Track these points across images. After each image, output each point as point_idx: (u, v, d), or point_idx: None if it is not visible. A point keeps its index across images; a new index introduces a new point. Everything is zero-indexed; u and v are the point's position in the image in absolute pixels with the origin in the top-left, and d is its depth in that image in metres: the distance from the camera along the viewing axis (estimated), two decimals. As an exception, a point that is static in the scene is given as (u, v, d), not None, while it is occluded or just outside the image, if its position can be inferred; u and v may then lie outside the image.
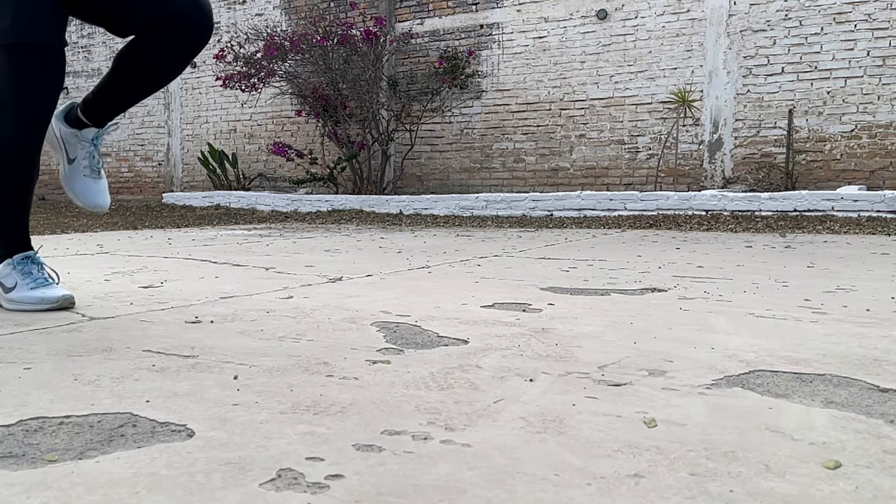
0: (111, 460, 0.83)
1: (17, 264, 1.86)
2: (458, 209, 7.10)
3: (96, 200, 1.98)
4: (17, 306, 1.82)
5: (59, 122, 1.95)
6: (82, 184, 1.96)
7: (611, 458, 0.85)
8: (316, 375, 1.21)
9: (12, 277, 1.86)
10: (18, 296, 1.82)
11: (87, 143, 1.95)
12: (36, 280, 1.85)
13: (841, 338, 1.52)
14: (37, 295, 1.81)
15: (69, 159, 1.95)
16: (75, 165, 1.94)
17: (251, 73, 8.44)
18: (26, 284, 1.83)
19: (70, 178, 1.97)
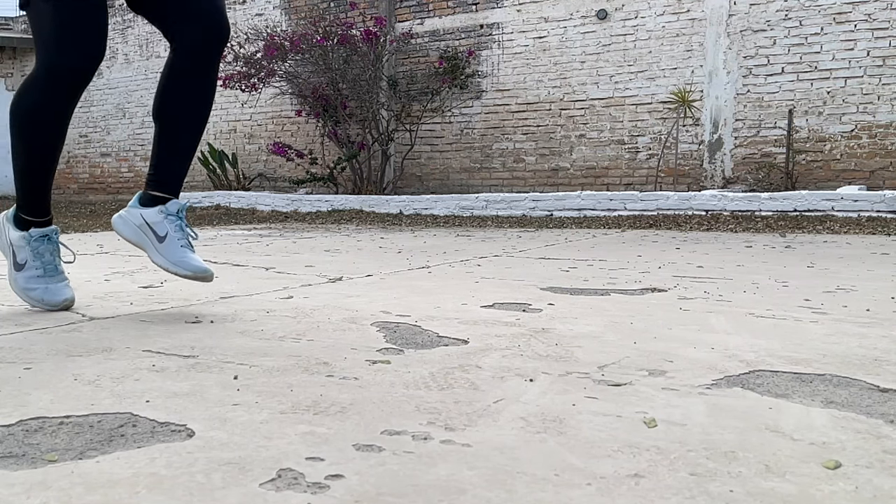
0: (111, 460, 0.83)
1: (31, 240, 1.83)
2: (458, 209, 7.10)
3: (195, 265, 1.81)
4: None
5: (137, 209, 1.83)
6: (181, 253, 1.80)
7: (611, 458, 0.85)
8: (316, 375, 1.21)
9: (24, 252, 1.83)
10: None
11: (174, 217, 1.82)
12: (46, 266, 1.84)
13: (841, 338, 1.52)
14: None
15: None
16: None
17: (251, 73, 8.44)
18: (35, 270, 1.83)
19: (166, 253, 1.81)
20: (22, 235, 1.80)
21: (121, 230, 1.85)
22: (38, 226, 1.82)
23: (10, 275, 1.84)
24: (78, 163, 12.42)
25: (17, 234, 1.82)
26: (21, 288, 1.81)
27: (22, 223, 1.83)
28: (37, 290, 1.79)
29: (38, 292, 1.79)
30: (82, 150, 12.36)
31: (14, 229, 1.83)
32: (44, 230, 1.81)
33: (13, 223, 1.84)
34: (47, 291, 1.79)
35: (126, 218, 1.84)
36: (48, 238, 1.82)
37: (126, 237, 1.84)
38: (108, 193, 11.96)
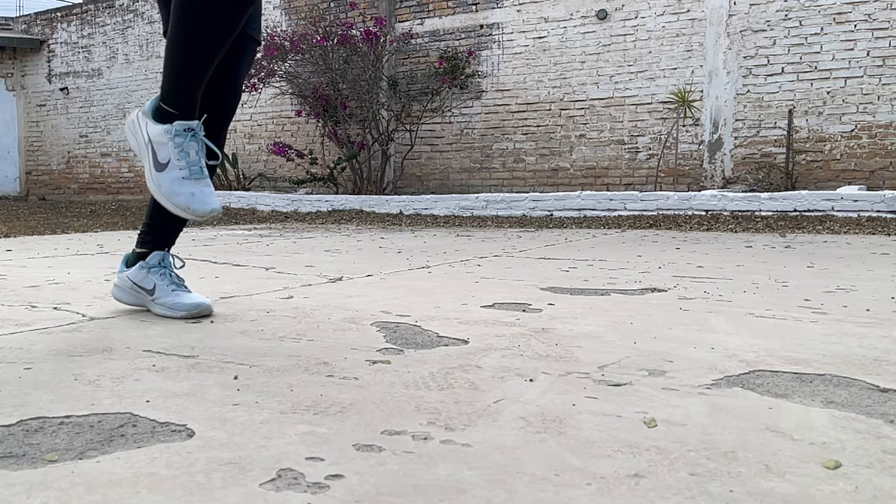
0: (111, 460, 0.83)
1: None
2: (458, 209, 7.10)
3: (193, 301, 1.76)
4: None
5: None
6: (172, 297, 1.77)
7: (611, 458, 0.85)
8: (316, 375, 1.21)
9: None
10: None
11: (156, 268, 1.81)
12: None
13: (841, 338, 1.52)
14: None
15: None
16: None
17: (251, 73, 8.43)
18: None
19: (161, 301, 1.77)
20: (164, 129, 1.58)
21: (120, 298, 1.85)
22: (182, 119, 1.59)
23: (152, 176, 1.62)
24: (78, 163, 12.42)
25: (157, 128, 1.59)
26: (166, 192, 1.58)
27: (164, 116, 1.60)
28: (182, 196, 1.57)
29: (184, 198, 1.57)
30: (82, 150, 12.36)
31: (153, 123, 1.61)
32: (188, 122, 1.58)
33: (152, 116, 1.62)
34: (194, 198, 1.57)
35: (119, 285, 1.85)
36: (193, 133, 1.59)
37: (126, 302, 1.84)
38: (109, 193, 11.96)
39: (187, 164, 1.58)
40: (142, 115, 1.64)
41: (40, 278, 2.51)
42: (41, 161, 12.99)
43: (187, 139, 1.58)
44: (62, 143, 12.62)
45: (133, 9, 11.63)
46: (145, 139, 1.62)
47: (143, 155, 1.64)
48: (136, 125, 1.65)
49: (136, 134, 1.65)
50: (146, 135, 1.62)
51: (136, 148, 1.66)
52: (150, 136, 1.60)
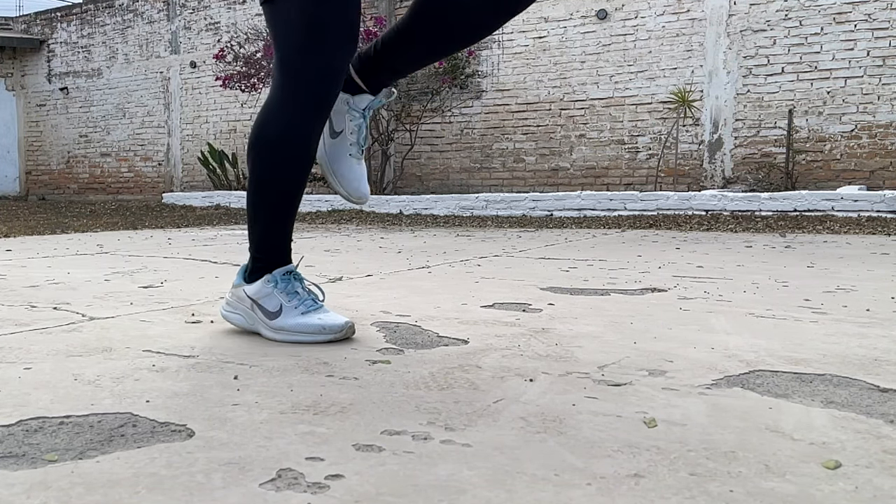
0: (111, 460, 0.83)
1: (279, 281, 1.50)
2: (458, 209, 7.10)
3: (361, 188, 1.56)
4: (288, 336, 1.47)
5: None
6: (347, 165, 1.54)
7: (611, 458, 0.84)
8: (316, 375, 1.21)
9: (274, 299, 1.50)
10: (290, 323, 1.48)
11: (357, 112, 1.53)
12: (304, 302, 1.51)
13: (841, 338, 1.52)
14: (314, 322, 1.47)
15: (333, 131, 1.53)
16: (340, 140, 1.51)
17: (251, 72, 8.44)
18: (294, 308, 1.49)
19: (332, 156, 1.54)
20: (265, 280, 1.51)
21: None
22: (279, 266, 1.53)
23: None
24: (78, 163, 12.42)
25: (257, 285, 1.52)
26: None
27: (261, 272, 1.53)
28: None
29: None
30: (82, 150, 12.36)
31: (252, 285, 1.53)
32: (287, 267, 1.52)
33: (247, 281, 1.55)
34: (322, 322, 1.48)
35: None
36: (293, 274, 1.53)
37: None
38: (108, 193, 11.96)
39: (300, 301, 1.50)
40: (234, 290, 1.57)
41: (40, 278, 2.51)
42: (41, 161, 12.99)
43: (290, 281, 1.51)
44: (62, 143, 12.62)
45: (133, 9, 11.63)
46: (249, 303, 1.53)
47: (252, 323, 1.54)
48: (235, 300, 1.57)
49: (236, 310, 1.57)
50: (248, 299, 1.54)
51: (242, 323, 1.56)
52: (253, 295, 1.52)
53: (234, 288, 1.57)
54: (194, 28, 10.95)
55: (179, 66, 11.11)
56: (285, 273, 1.51)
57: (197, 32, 10.93)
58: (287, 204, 1.51)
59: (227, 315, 1.58)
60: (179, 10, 11.08)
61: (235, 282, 1.58)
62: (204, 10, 10.82)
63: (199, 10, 10.87)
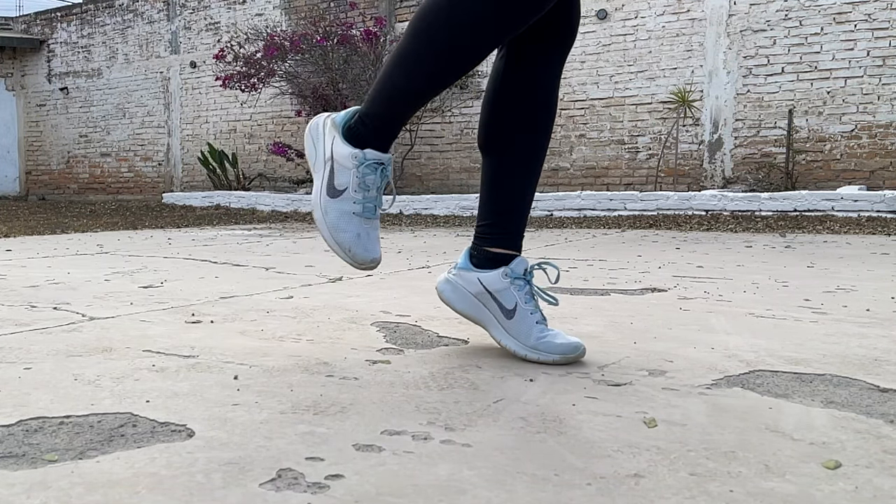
0: (111, 460, 0.83)
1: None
2: (458, 209, 7.10)
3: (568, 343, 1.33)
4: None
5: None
6: (537, 332, 1.35)
7: (611, 458, 0.84)
8: (316, 375, 1.21)
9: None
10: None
11: (521, 281, 1.39)
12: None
13: (841, 338, 1.52)
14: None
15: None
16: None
17: (251, 73, 8.44)
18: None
19: (517, 332, 1.36)
20: (353, 154, 1.34)
21: (451, 300, 1.42)
22: (376, 149, 1.36)
23: (320, 199, 1.37)
24: (78, 163, 12.42)
25: (346, 149, 1.35)
26: (331, 223, 1.35)
27: (357, 139, 1.36)
28: (347, 234, 1.34)
29: (349, 237, 1.34)
30: (82, 150, 12.36)
31: (342, 141, 1.37)
32: (380, 156, 1.35)
33: (342, 133, 1.38)
34: (359, 240, 1.34)
35: (457, 284, 1.41)
36: (383, 169, 1.36)
37: (458, 310, 1.41)
38: (108, 193, 11.96)
39: (363, 200, 1.34)
40: (330, 126, 1.40)
41: (40, 278, 2.51)
42: (41, 161, 12.99)
43: (374, 173, 1.34)
44: (62, 143, 12.62)
45: (133, 9, 11.63)
46: (327, 154, 1.38)
47: (316, 170, 1.39)
48: (320, 133, 1.41)
49: (316, 142, 1.42)
50: (329, 150, 1.38)
51: (311, 157, 1.42)
52: (336, 154, 1.36)
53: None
54: (194, 28, 10.95)
55: (179, 66, 11.11)
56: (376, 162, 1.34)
57: (197, 32, 10.93)
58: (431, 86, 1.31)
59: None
60: (179, 10, 11.08)
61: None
62: (204, 10, 10.82)
63: (199, 10, 10.87)
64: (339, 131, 1.38)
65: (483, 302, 1.38)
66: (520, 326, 1.34)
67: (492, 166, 1.41)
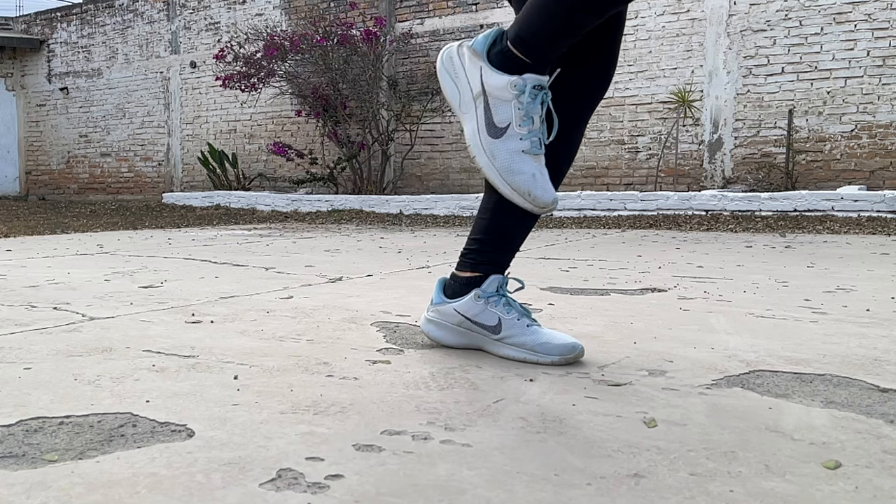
0: (111, 460, 0.83)
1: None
2: (458, 209, 7.10)
3: (565, 342, 1.30)
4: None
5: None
6: (533, 335, 1.31)
7: (611, 458, 0.84)
8: (316, 375, 1.21)
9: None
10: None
11: (495, 297, 1.35)
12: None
13: (841, 338, 1.52)
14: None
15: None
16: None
17: (251, 73, 8.44)
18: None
19: (515, 340, 1.32)
20: (511, 82, 1.18)
21: (438, 338, 1.40)
22: (534, 72, 1.19)
23: (481, 143, 1.21)
24: (78, 163, 12.42)
25: (500, 78, 1.18)
26: (503, 167, 1.19)
27: (510, 63, 1.18)
28: (524, 176, 1.18)
29: (526, 179, 1.18)
30: (82, 150, 12.36)
31: (493, 70, 1.20)
32: (540, 77, 1.18)
33: (489, 60, 1.21)
34: (535, 181, 1.19)
35: (438, 321, 1.39)
36: (544, 94, 1.19)
37: (450, 344, 1.39)
38: (108, 193, 11.96)
39: (529, 135, 1.19)
40: (470, 54, 1.22)
41: (40, 278, 2.51)
42: (41, 161, 12.99)
43: (536, 101, 1.18)
44: (62, 143, 12.62)
45: (133, 9, 11.63)
46: (476, 89, 1.21)
47: (466, 110, 1.23)
48: (459, 65, 1.23)
49: (456, 77, 1.23)
50: (478, 83, 1.20)
51: (453, 96, 1.24)
52: (488, 86, 1.19)
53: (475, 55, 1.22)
54: (194, 28, 10.95)
55: (179, 66, 11.11)
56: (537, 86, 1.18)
57: (197, 32, 10.93)
58: None
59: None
60: (179, 10, 11.08)
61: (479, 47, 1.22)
62: (204, 10, 10.82)
63: (199, 10, 10.87)
64: (485, 60, 1.21)
65: (467, 329, 1.36)
66: (511, 335, 1.32)
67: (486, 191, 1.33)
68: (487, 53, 1.21)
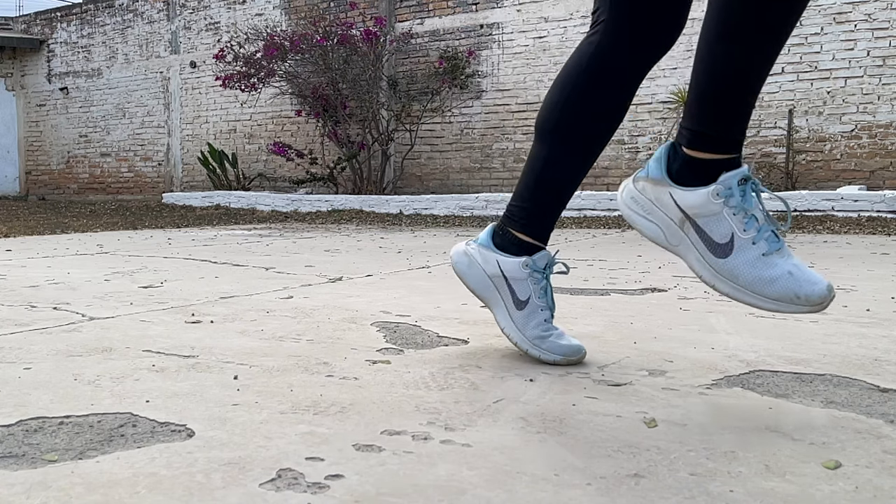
0: (111, 460, 0.83)
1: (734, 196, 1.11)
2: (458, 209, 7.10)
3: (569, 345, 1.30)
4: (737, 293, 1.11)
5: (491, 251, 1.34)
6: (539, 329, 1.31)
7: (611, 458, 0.84)
8: (316, 375, 1.21)
9: (720, 222, 1.12)
10: (744, 273, 1.11)
11: (539, 274, 1.32)
12: (765, 236, 1.12)
13: (841, 338, 1.52)
14: (782, 284, 1.09)
15: (519, 301, 1.31)
16: (530, 307, 1.30)
17: (251, 73, 8.44)
18: (754, 247, 1.11)
19: (522, 324, 1.31)
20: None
21: (464, 274, 1.36)
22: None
23: (712, 266, 1.13)
24: (78, 163, 12.42)
25: (697, 194, 1.12)
26: (749, 282, 1.11)
27: (701, 172, 1.13)
28: (779, 281, 1.10)
29: (783, 283, 1.10)
30: (82, 150, 12.36)
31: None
32: (739, 171, 1.12)
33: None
34: (796, 279, 1.10)
35: (473, 258, 1.35)
36: (753, 184, 1.14)
37: (469, 286, 1.35)
38: (108, 193, 11.96)
39: (760, 234, 1.11)
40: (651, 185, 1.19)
41: (40, 278, 2.51)
42: (41, 161, 12.99)
43: (747, 196, 1.10)
44: (62, 143, 12.62)
45: (133, 9, 11.63)
46: (677, 217, 1.16)
47: (677, 242, 1.17)
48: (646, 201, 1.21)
49: (650, 215, 1.21)
50: (676, 210, 1.16)
51: (657, 236, 1.20)
52: (687, 208, 1.14)
53: (650, 181, 1.19)
54: (194, 28, 10.95)
55: (179, 66, 11.11)
56: (736, 181, 1.10)
57: (197, 32, 10.93)
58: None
59: (632, 216, 1.23)
60: (179, 10, 11.08)
61: (652, 171, 1.19)
62: (204, 10, 10.82)
63: (199, 10, 10.87)
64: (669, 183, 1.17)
65: (497, 285, 1.33)
66: (526, 319, 1.30)
67: (548, 152, 1.29)
68: (669, 174, 1.16)
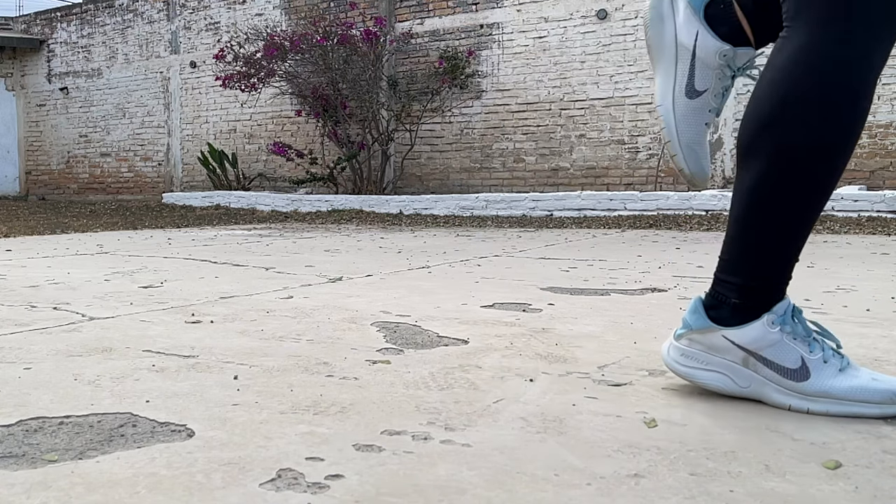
0: (111, 460, 0.83)
1: (786, 323, 1.04)
2: (458, 209, 7.10)
3: (706, 166, 1.16)
4: (839, 407, 0.99)
5: (699, 24, 1.14)
6: (699, 135, 1.15)
7: (611, 458, 0.84)
8: (316, 375, 1.21)
9: (789, 350, 1.03)
10: (837, 386, 1.00)
11: (731, 71, 1.14)
12: (827, 351, 1.05)
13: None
14: (878, 387, 0.99)
15: (694, 90, 1.15)
16: (700, 103, 1.14)
17: (251, 73, 8.44)
18: (824, 363, 1.02)
19: (686, 121, 1.15)
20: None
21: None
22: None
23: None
24: (78, 163, 12.42)
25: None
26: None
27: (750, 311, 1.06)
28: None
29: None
30: (82, 150, 12.36)
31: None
32: (786, 302, 1.07)
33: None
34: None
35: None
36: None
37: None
38: (108, 193, 11.96)
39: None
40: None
41: (40, 278, 2.51)
42: (41, 161, 12.99)
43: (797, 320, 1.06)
44: (62, 143, 12.62)
45: (133, 9, 11.63)
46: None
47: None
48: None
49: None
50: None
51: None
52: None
53: (696, 332, 1.09)
54: (194, 28, 10.95)
55: (179, 66, 11.11)
56: (787, 311, 1.04)
57: (197, 32, 10.93)
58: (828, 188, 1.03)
59: (690, 372, 1.09)
60: (179, 10, 11.08)
61: (694, 322, 1.10)
62: (204, 10, 10.82)
63: (199, 10, 10.87)
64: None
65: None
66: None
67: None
68: (714, 322, 1.09)
